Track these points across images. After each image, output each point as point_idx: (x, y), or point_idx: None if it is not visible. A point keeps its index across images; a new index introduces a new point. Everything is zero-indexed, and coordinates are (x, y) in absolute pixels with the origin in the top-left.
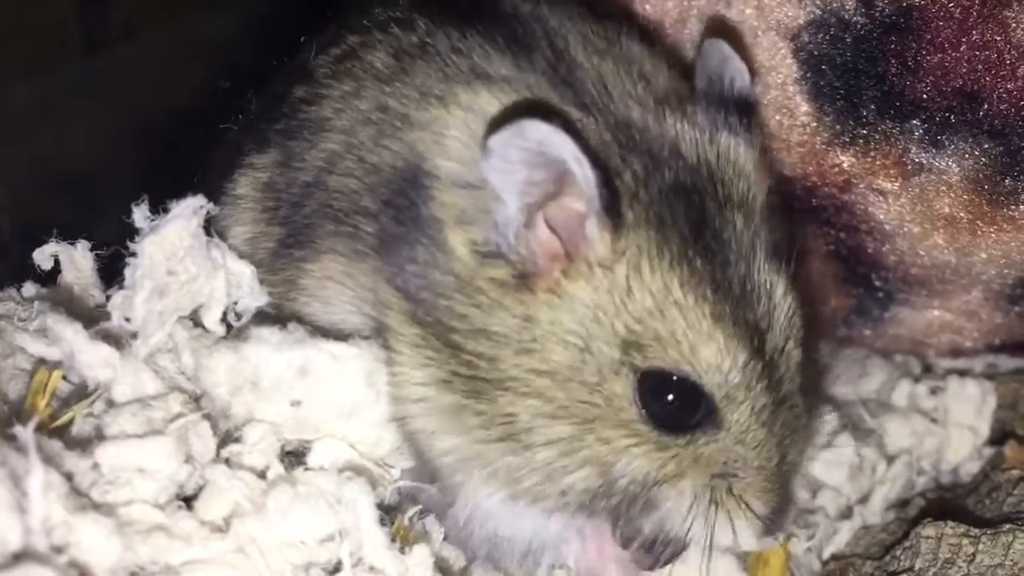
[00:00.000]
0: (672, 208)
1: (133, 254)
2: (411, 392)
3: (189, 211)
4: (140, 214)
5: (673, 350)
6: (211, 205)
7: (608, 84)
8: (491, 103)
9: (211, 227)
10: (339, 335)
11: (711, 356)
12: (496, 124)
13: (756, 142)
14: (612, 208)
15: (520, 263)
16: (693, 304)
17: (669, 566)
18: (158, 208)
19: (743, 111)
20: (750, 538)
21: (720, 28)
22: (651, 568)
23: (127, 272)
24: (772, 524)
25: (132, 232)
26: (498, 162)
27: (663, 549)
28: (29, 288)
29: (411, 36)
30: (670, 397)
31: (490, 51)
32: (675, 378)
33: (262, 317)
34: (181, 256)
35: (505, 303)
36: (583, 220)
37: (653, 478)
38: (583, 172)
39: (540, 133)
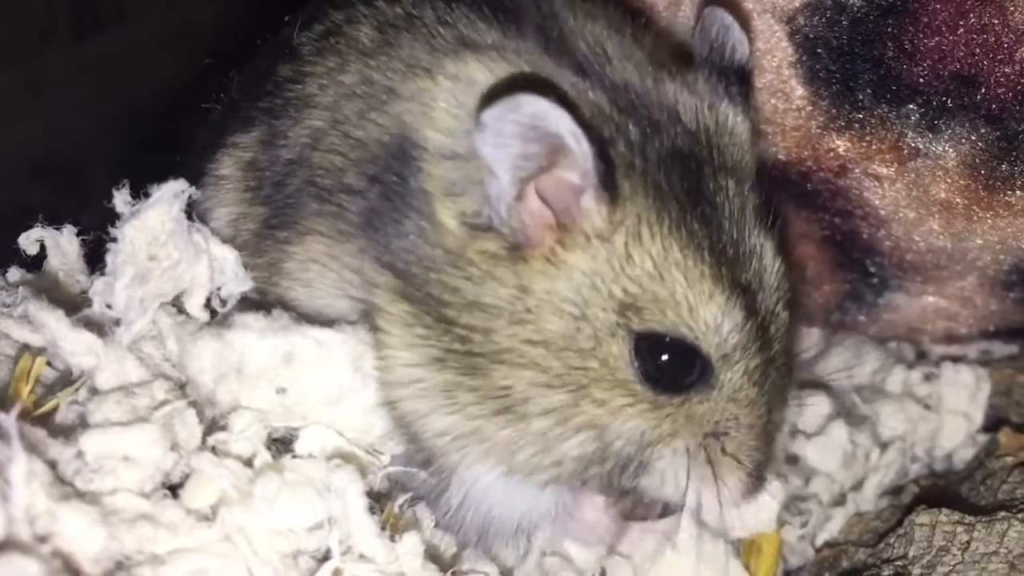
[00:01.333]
0: (669, 174)
1: (115, 240)
2: (402, 374)
3: (170, 195)
4: (121, 199)
5: (671, 311)
6: (193, 189)
7: (605, 47)
8: (479, 71)
9: (193, 212)
10: (324, 320)
11: (710, 317)
12: (490, 98)
13: (751, 110)
14: (609, 182)
15: (512, 235)
16: (692, 266)
17: (660, 552)
18: (141, 192)
19: (741, 80)
20: (738, 494)
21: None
22: (643, 518)
23: (108, 258)
24: (757, 479)
25: (116, 217)
26: (492, 136)
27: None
28: (14, 273)
29: (396, 8)
30: (666, 357)
31: (477, 20)
32: (671, 339)
33: (247, 303)
34: (163, 241)
35: (497, 274)
36: (577, 192)
37: (648, 438)
38: (580, 147)
39: (536, 108)
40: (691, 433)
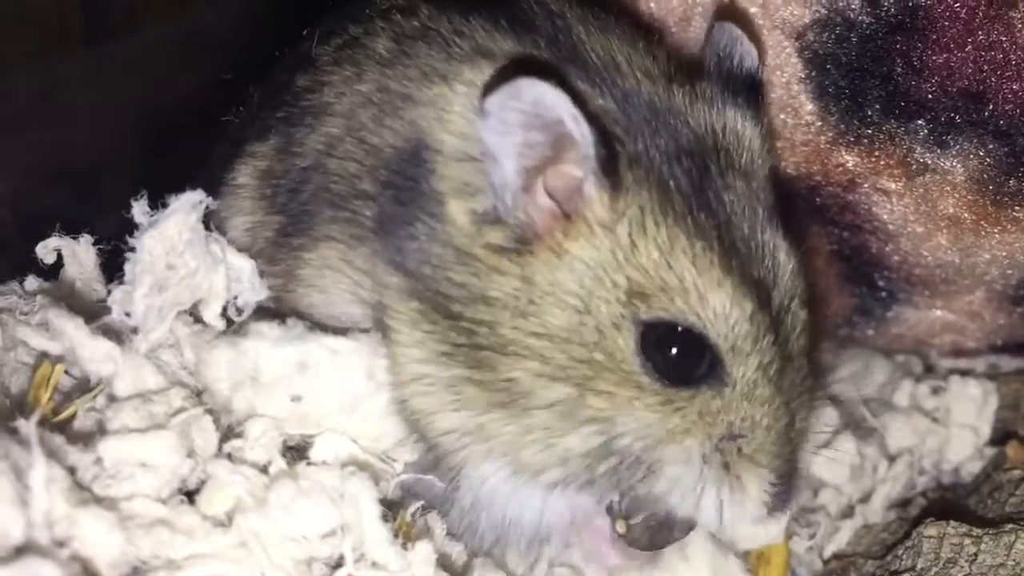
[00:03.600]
0: (674, 170)
1: (133, 249)
2: (410, 370)
3: (188, 205)
4: (139, 209)
5: (680, 299)
6: (210, 199)
7: (615, 58)
8: None
9: (210, 222)
10: (339, 327)
11: (719, 304)
12: (492, 86)
13: (762, 120)
14: (610, 168)
15: (518, 226)
16: (701, 253)
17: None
18: (158, 202)
19: (750, 90)
20: (761, 506)
21: (727, 15)
22: (650, 548)
23: (127, 267)
24: (782, 493)
25: (133, 226)
26: (495, 123)
27: (666, 531)
28: (32, 282)
29: (413, 21)
30: (673, 348)
31: (493, 31)
32: (679, 328)
33: (262, 312)
34: (180, 251)
35: (502, 267)
36: (581, 184)
37: (656, 434)
38: (579, 129)
39: (536, 91)
40: (704, 432)
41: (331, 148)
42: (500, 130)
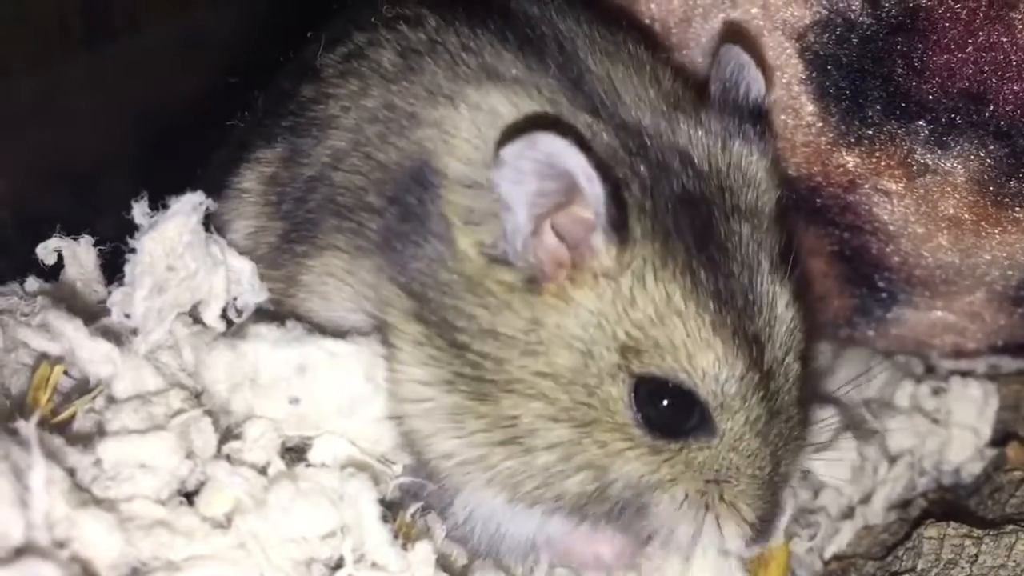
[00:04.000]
0: (678, 218)
1: (133, 250)
2: (411, 391)
3: (188, 207)
4: (139, 210)
5: (670, 357)
6: (210, 201)
7: (619, 88)
8: (501, 103)
9: (210, 223)
10: (338, 332)
11: (708, 365)
12: (509, 135)
13: (768, 151)
14: (619, 224)
15: (527, 269)
16: (694, 313)
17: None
18: (159, 203)
19: (756, 119)
20: (739, 543)
21: (734, 33)
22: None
23: (127, 268)
24: (761, 531)
25: (133, 227)
26: (510, 172)
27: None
28: (32, 283)
29: (419, 33)
30: (664, 403)
31: (501, 50)
32: (670, 385)
33: (262, 314)
34: (180, 252)
35: (513, 305)
36: (590, 230)
37: (646, 482)
38: (592, 189)
39: (553, 147)
40: (691, 480)
41: (337, 161)
42: (514, 179)
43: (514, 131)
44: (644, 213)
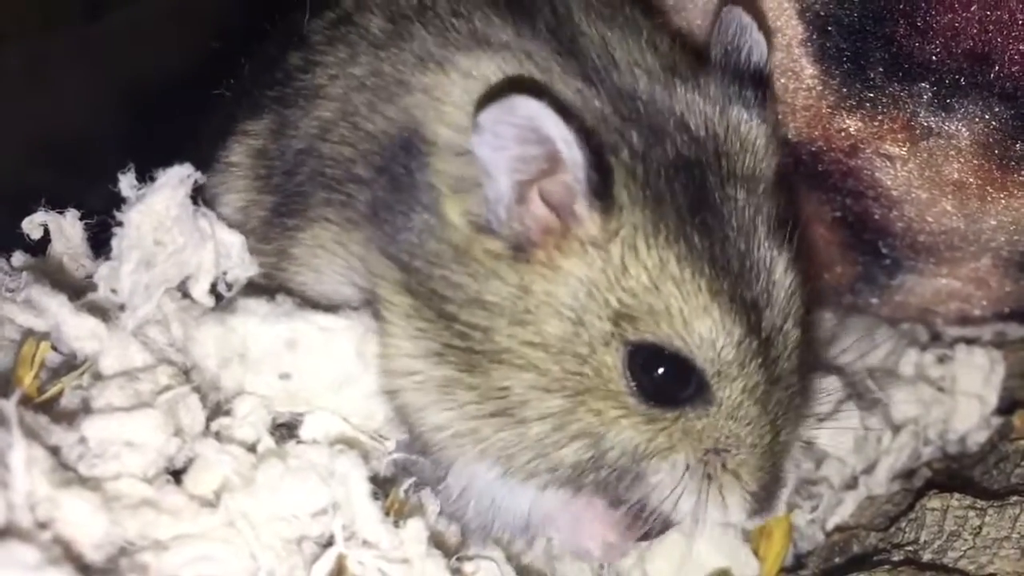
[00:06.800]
0: (671, 183)
1: (120, 224)
2: (402, 364)
3: (176, 180)
4: (127, 183)
5: (666, 324)
6: (198, 174)
7: (614, 52)
8: (492, 70)
9: (199, 197)
10: (330, 305)
11: (705, 331)
12: (485, 101)
13: (769, 116)
14: (602, 190)
15: (513, 237)
16: (690, 278)
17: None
18: (147, 176)
19: (757, 84)
20: (741, 514)
21: None
22: (643, 539)
23: (113, 243)
24: (763, 502)
25: (121, 200)
26: (489, 138)
27: (653, 520)
28: (18, 258)
29: None
30: (660, 371)
31: (491, 15)
32: (665, 352)
33: (253, 288)
34: (168, 226)
35: (500, 273)
36: (574, 199)
37: (643, 450)
38: (571, 154)
39: (530, 110)
40: (690, 448)
41: (325, 132)
42: (494, 144)
43: (492, 95)
44: (634, 179)
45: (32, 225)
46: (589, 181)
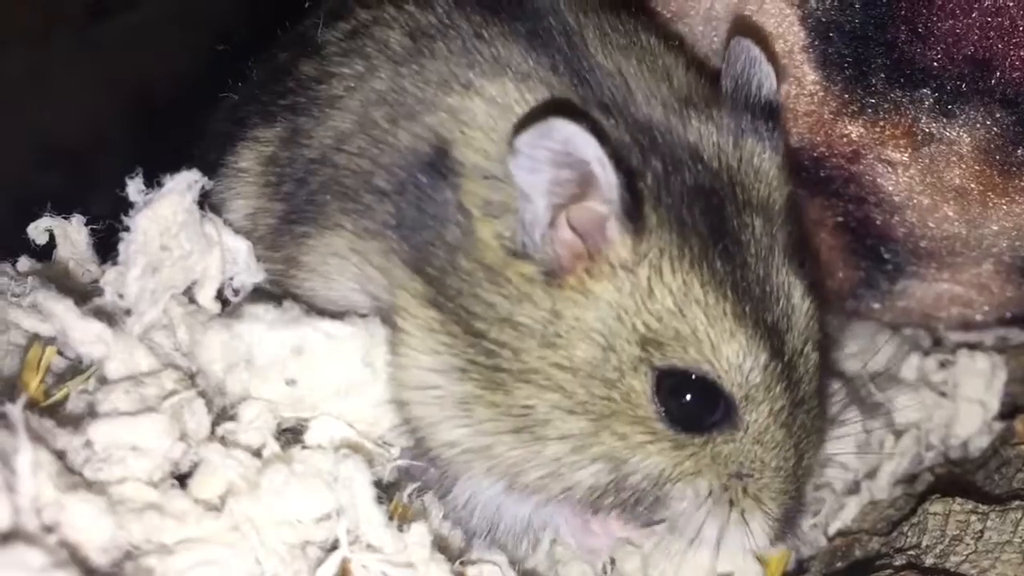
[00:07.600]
0: (692, 210)
1: (127, 229)
2: (418, 377)
3: (183, 185)
4: (134, 188)
5: (693, 349)
6: (205, 180)
7: (630, 83)
8: (516, 98)
9: (205, 203)
10: (337, 312)
11: (732, 355)
12: (523, 124)
13: (780, 147)
14: (634, 212)
15: (546, 261)
16: (714, 303)
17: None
18: (154, 181)
19: (768, 116)
20: (764, 540)
21: (744, 27)
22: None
23: (120, 247)
24: (785, 527)
25: (128, 205)
26: (525, 161)
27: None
28: (24, 263)
29: (429, 16)
30: (688, 396)
31: (512, 42)
32: (694, 377)
33: (260, 294)
34: (175, 232)
35: (533, 296)
36: (605, 222)
37: (667, 475)
38: (606, 175)
39: (567, 132)
40: (715, 473)
41: (341, 143)
42: (530, 168)
43: (529, 119)
44: (659, 203)
45: (38, 230)
46: (623, 202)
